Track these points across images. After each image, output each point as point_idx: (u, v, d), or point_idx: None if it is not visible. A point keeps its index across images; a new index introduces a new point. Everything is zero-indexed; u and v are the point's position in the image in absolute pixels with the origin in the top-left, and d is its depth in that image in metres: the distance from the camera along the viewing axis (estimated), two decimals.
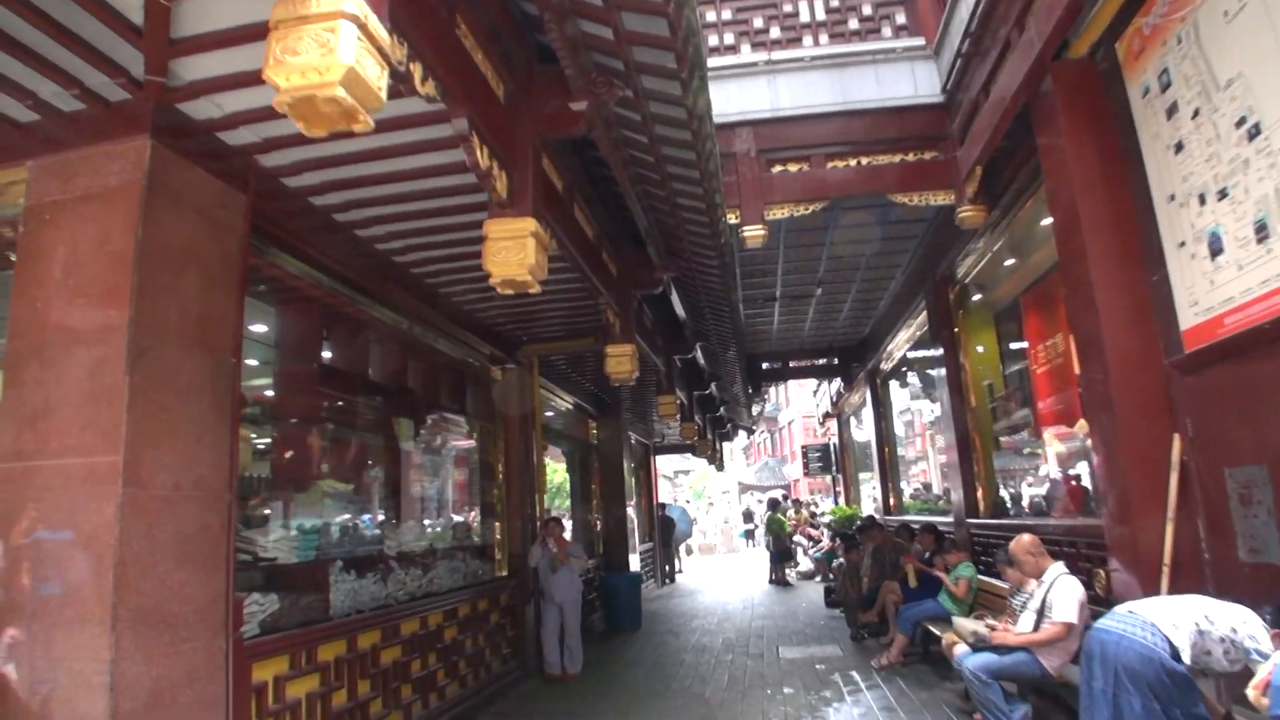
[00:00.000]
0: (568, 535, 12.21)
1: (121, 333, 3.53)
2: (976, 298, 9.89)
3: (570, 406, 12.51)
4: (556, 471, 15.08)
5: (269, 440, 5.48)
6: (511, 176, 4.01)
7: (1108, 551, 5.72)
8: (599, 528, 13.29)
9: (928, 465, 18.01)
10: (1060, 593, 5.19)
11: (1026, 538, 5.54)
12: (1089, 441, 7.31)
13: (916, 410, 15.43)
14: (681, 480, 49.36)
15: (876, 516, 14.75)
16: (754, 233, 7.31)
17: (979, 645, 5.45)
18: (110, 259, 3.66)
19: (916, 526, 10.05)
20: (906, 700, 6.56)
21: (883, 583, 9.71)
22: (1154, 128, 4.84)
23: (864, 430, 22.27)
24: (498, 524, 8.53)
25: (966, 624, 5.94)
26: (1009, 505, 9.24)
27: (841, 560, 13.96)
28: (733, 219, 7.27)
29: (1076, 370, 8.19)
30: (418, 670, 6.14)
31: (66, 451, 3.47)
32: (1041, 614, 5.26)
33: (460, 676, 6.90)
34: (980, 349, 9.86)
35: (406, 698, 5.91)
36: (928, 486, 18.45)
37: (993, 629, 5.57)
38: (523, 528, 8.61)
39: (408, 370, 7.08)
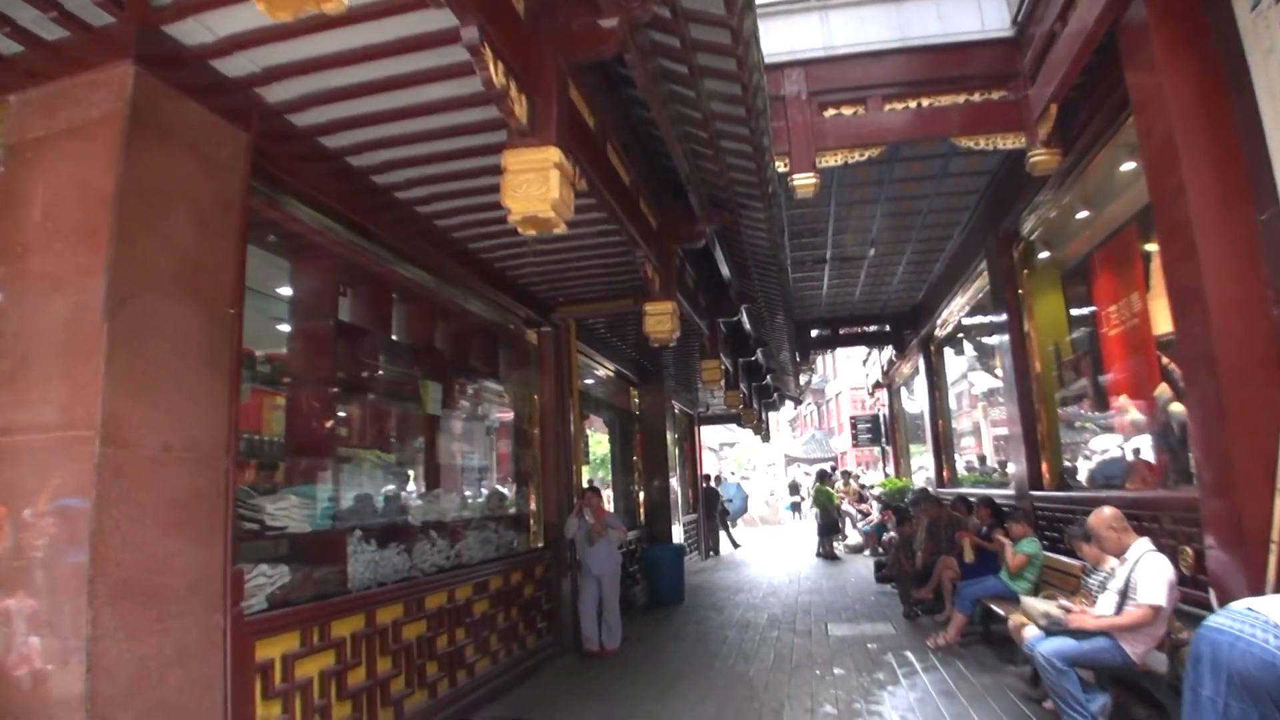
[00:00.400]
0: (608, 506, 11.90)
1: (99, 277, 3.19)
2: (1043, 255, 9.23)
3: (611, 374, 12.12)
4: (601, 443, 14.73)
5: (283, 402, 5.17)
6: (533, 101, 3.56)
7: (1201, 527, 5.18)
8: (641, 499, 12.93)
9: (980, 437, 17.34)
10: (1147, 572, 4.66)
11: (1108, 510, 5.00)
12: (1172, 408, 6.75)
13: (972, 380, 14.76)
14: (727, 452, 49.06)
15: (930, 489, 14.17)
16: (805, 181, 6.77)
17: (1053, 629, 4.94)
18: (90, 198, 3.32)
19: (974, 500, 9.50)
20: (966, 684, 6.09)
21: (939, 558, 9.19)
22: (1266, 42, 4.22)
23: (915, 401, 21.56)
24: (533, 494, 8.19)
25: (1037, 604, 5.44)
26: (1077, 477, 8.65)
27: (893, 534, 13.45)
28: (781, 167, 6.74)
29: (1155, 332, 7.62)
30: (444, 646, 5.83)
31: (41, 407, 3.15)
32: (1125, 595, 4.74)
33: (491, 652, 6.59)
34: (1046, 311, 9.21)
35: (432, 675, 5.60)
36: (982, 459, 17.78)
37: (1068, 611, 5.05)
38: (560, 498, 8.26)
39: (435, 331, 6.72)
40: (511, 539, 7.55)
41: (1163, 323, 7.74)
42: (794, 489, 28.82)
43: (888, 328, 16.08)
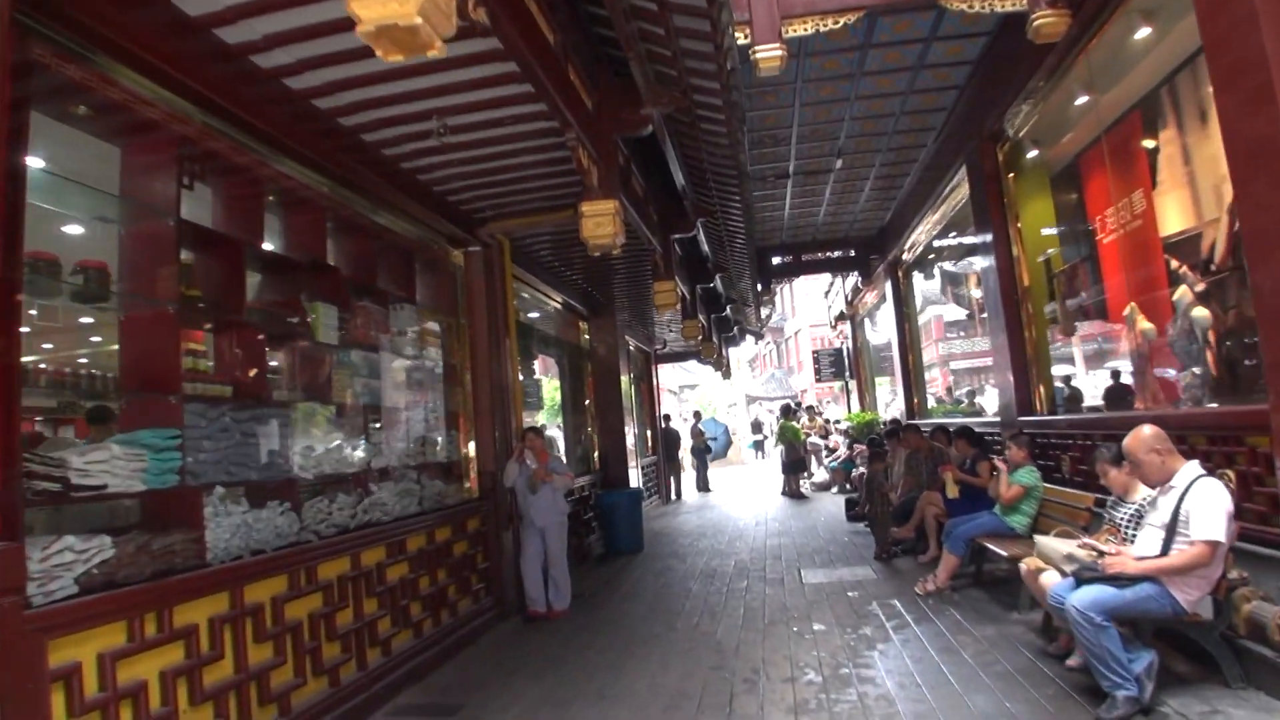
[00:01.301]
0: (560, 451, 10.90)
1: None
2: (1032, 155, 8.29)
3: (559, 306, 11.02)
4: (555, 387, 13.64)
5: (110, 324, 4.02)
6: None
7: (1244, 445, 4.35)
8: (594, 441, 11.93)
9: (946, 367, 16.64)
10: (1200, 501, 3.77)
11: (1148, 430, 4.08)
12: (1195, 313, 5.88)
13: (944, 305, 13.93)
14: (688, 394, 48.51)
15: (901, 420, 13.40)
16: (769, 54, 5.65)
17: (1084, 575, 4.06)
18: None
19: (952, 430, 8.67)
20: (968, 638, 5.24)
21: (919, 493, 8.38)
22: None
23: (880, 332, 20.82)
24: (465, 438, 7.13)
25: (1056, 545, 4.56)
26: (1079, 398, 7.84)
27: (863, 469, 12.67)
28: (742, 38, 5.61)
29: (1162, 233, 6.75)
30: (347, 623, 4.80)
31: None
32: (1173, 531, 3.86)
33: (413, 624, 5.59)
34: (1034, 218, 8.30)
35: (331, 659, 4.58)
36: (950, 390, 17.11)
37: (1100, 554, 4.18)
38: (497, 442, 7.23)
39: (327, 244, 5.55)
40: (440, 490, 6.51)
41: (1172, 222, 6.89)
42: (756, 427, 28.11)
43: (853, 253, 15.14)
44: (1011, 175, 8.35)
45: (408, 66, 4.45)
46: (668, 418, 18.52)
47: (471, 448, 7.17)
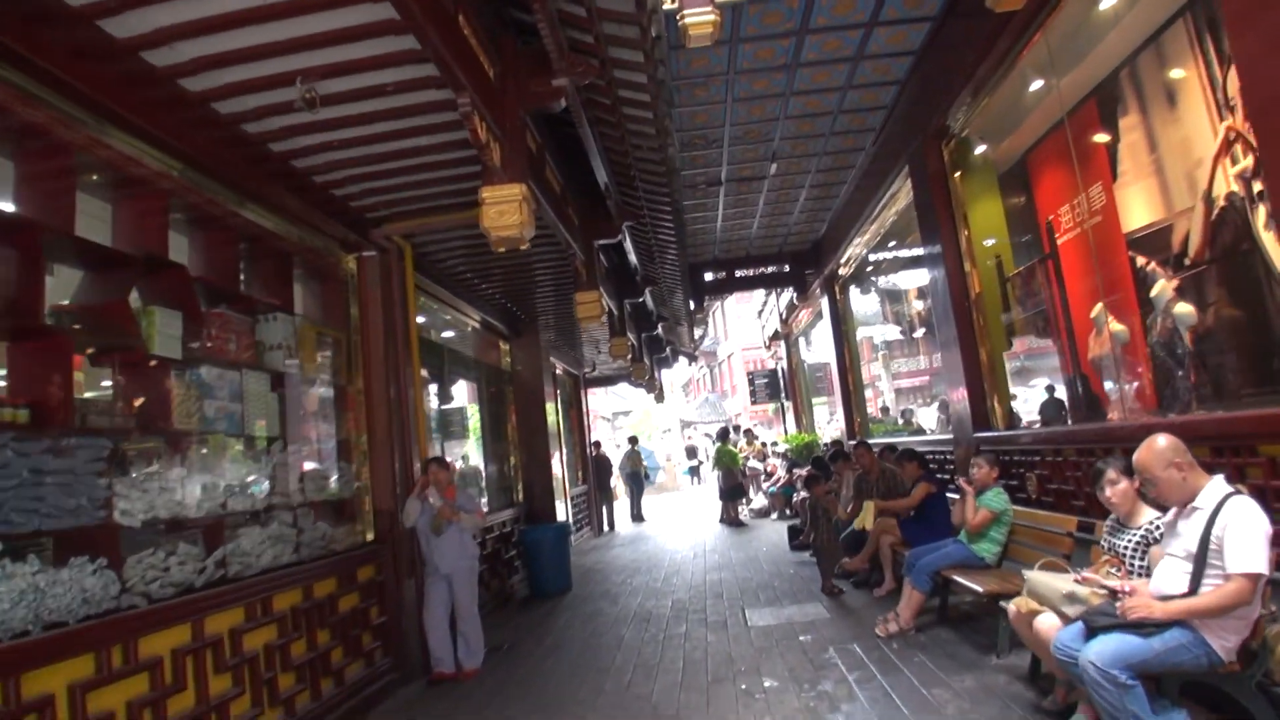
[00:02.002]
0: (480, 483, 9.93)
1: None
2: (980, 151, 7.77)
3: (476, 325, 10.09)
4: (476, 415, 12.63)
5: None
6: None
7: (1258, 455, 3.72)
8: (517, 471, 10.96)
9: (883, 385, 16.14)
10: (1236, 526, 3.08)
11: (1164, 441, 3.39)
12: (1178, 310, 5.31)
13: (882, 319, 13.42)
14: (622, 422, 47.82)
15: (844, 440, 12.79)
16: (699, 19, 4.86)
17: (1097, 621, 3.33)
18: None
19: (900, 450, 8.02)
20: (946, 692, 4.48)
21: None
22: None
23: (816, 351, 20.36)
24: (357, 470, 6.15)
25: (1050, 581, 3.84)
26: (1046, 410, 7.25)
27: (806, 494, 11.98)
28: (669, 2, 4.87)
29: (1125, 229, 6.25)
30: (184, 709, 3.80)
31: None
32: (1202, 562, 3.16)
33: (283, 700, 4.58)
34: (983, 219, 7.76)
35: None
36: (885, 410, 16.63)
37: (1110, 593, 3.46)
38: (396, 475, 6.27)
39: (170, 237, 4.57)
40: (325, 534, 5.52)
41: (1136, 216, 6.37)
42: (691, 453, 27.35)
43: (787, 268, 14.55)
44: (958, 174, 7.80)
45: (255, 9, 3.58)
46: (598, 444, 17.63)
47: (361, 481, 6.18)
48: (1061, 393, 7.29)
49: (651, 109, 5.55)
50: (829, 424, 20.12)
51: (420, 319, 8.61)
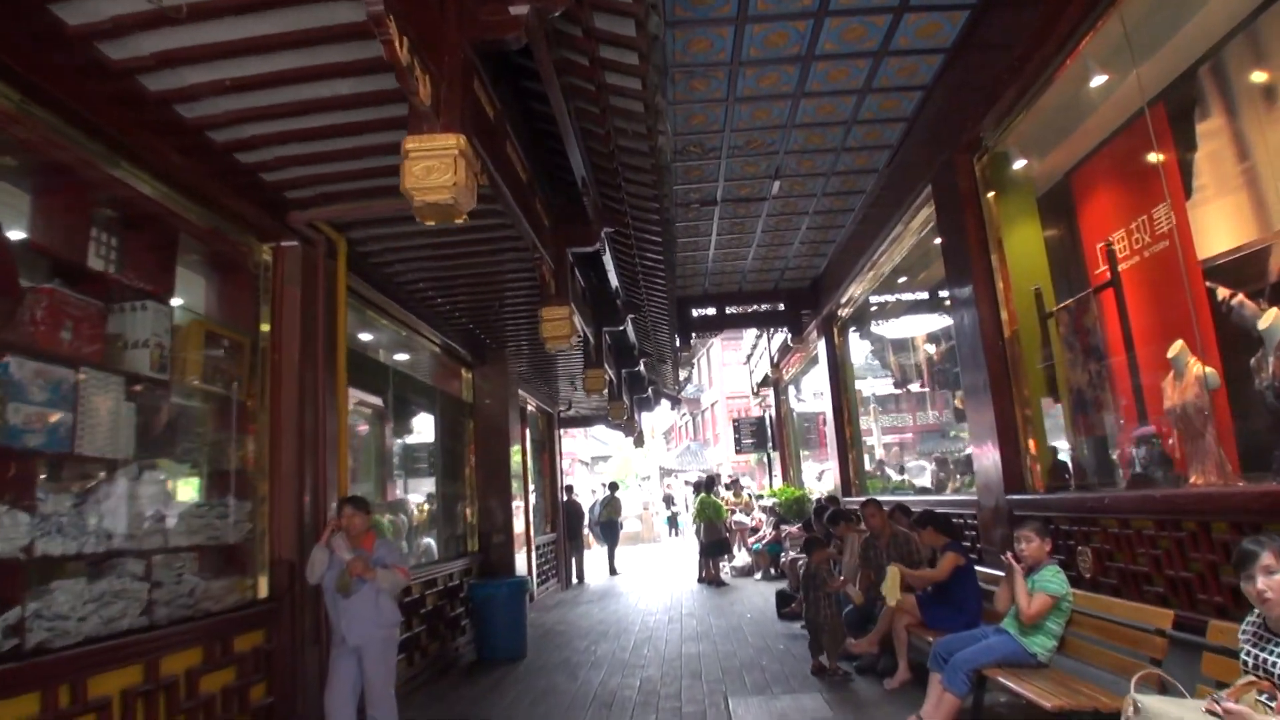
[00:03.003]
0: (431, 534, 8.65)
1: None
2: (1019, 166, 6.73)
3: (436, 348, 8.91)
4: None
5: None
6: None
7: None
8: (473, 516, 9.66)
9: (876, 441, 15.05)
10: None
11: None
12: None
13: (886, 369, 12.34)
14: (601, 467, 46.58)
15: (838, 497, 11.61)
16: None
17: None
18: None
19: (917, 513, 6.87)
20: None
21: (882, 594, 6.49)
22: None
23: (807, 400, 19.23)
24: (255, 508, 4.92)
25: (1172, 710, 2.66)
26: (1091, 470, 6.13)
27: (797, 557, 10.75)
28: None
29: (1200, 255, 5.24)
30: None
31: None
32: None
33: None
34: (1020, 246, 6.69)
35: None
36: (881, 465, 15.49)
37: None
38: (305, 517, 5.05)
39: None
40: (194, 590, 4.27)
41: (1215, 240, 5.34)
42: (668, 501, 26.01)
43: (782, 306, 13.50)
44: (992, 194, 6.75)
45: None
46: (570, 489, 16.33)
47: (257, 522, 4.94)
48: (1064, 451, 6.24)
49: (639, 71, 4.46)
50: (819, 479, 18.94)
51: (365, 336, 7.45)
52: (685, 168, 8.31)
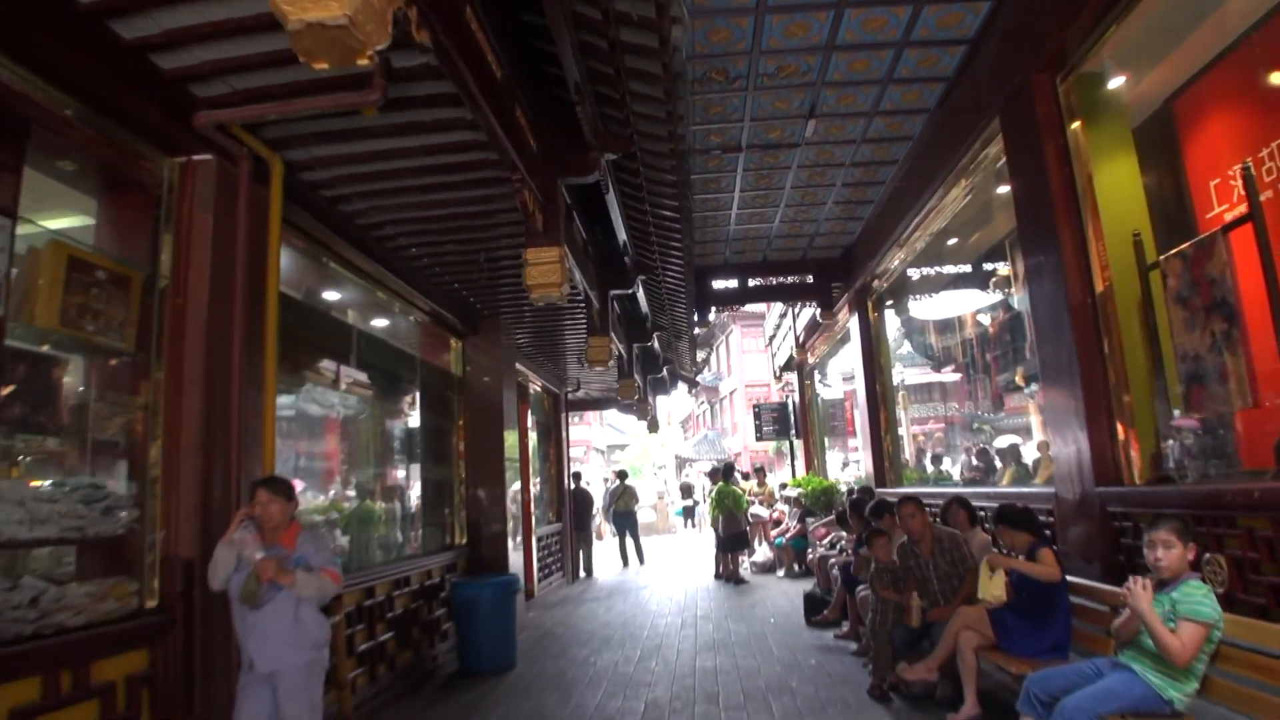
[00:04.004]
0: (413, 518, 7.55)
1: None
2: (1112, 87, 5.50)
3: (419, 313, 7.80)
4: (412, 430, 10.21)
5: None
6: None
7: None
8: (460, 505, 8.53)
9: (906, 429, 13.79)
10: None
11: None
12: None
13: (931, 350, 11.09)
14: (618, 455, 45.87)
15: (872, 488, 10.43)
16: None
17: None
18: None
19: (996, 510, 5.69)
20: None
21: (935, 606, 5.36)
22: None
23: (833, 386, 18.02)
24: (142, 493, 3.82)
25: None
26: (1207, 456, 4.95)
27: (827, 554, 9.59)
28: None
29: None
30: None
31: None
32: None
33: None
34: (1114, 184, 5.46)
35: None
36: (920, 452, 14.24)
37: None
38: (213, 505, 3.95)
39: None
40: (41, 597, 3.18)
41: None
42: (686, 491, 24.89)
43: (810, 279, 12.25)
44: (1078, 124, 5.53)
45: None
46: (578, 476, 15.20)
47: (150, 512, 3.84)
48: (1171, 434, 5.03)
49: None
50: (843, 470, 17.73)
51: (326, 291, 6.35)
52: (705, 102, 7.12)
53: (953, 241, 8.94)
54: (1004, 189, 7.27)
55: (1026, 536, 4.60)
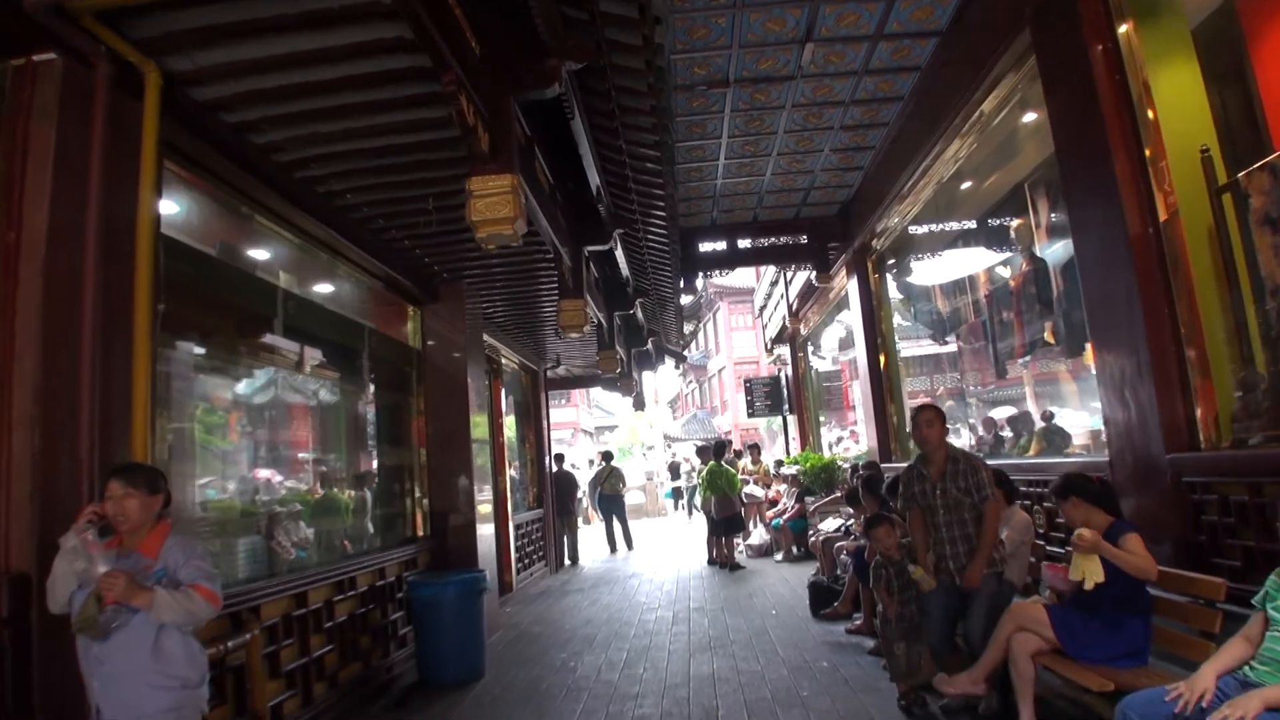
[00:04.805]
0: (365, 514, 6.64)
1: None
2: None
3: (367, 275, 6.85)
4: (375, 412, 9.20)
5: None
6: None
7: None
8: (420, 493, 7.60)
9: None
10: None
11: None
12: None
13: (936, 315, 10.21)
14: (606, 437, 45.03)
15: (876, 463, 9.56)
16: None
17: None
18: None
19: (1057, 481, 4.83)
20: None
21: (939, 544, 4.52)
22: None
23: (829, 356, 17.17)
24: None
25: None
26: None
27: (831, 536, 8.75)
28: None
29: None
30: None
31: None
32: None
33: None
34: (1174, 98, 4.58)
35: None
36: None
37: None
38: (60, 497, 3.04)
39: None
40: None
41: None
42: (674, 471, 23.98)
43: (805, 239, 11.33)
44: (1127, 27, 4.63)
45: None
46: (560, 458, 14.30)
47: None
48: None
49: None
50: (837, 445, 16.92)
51: (247, 246, 5.41)
52: (688, 23, 6.18)
53: (966, 185, 8.04)
54: (1030, 118, 6.40)
55: (1104, 516, 3.71)
